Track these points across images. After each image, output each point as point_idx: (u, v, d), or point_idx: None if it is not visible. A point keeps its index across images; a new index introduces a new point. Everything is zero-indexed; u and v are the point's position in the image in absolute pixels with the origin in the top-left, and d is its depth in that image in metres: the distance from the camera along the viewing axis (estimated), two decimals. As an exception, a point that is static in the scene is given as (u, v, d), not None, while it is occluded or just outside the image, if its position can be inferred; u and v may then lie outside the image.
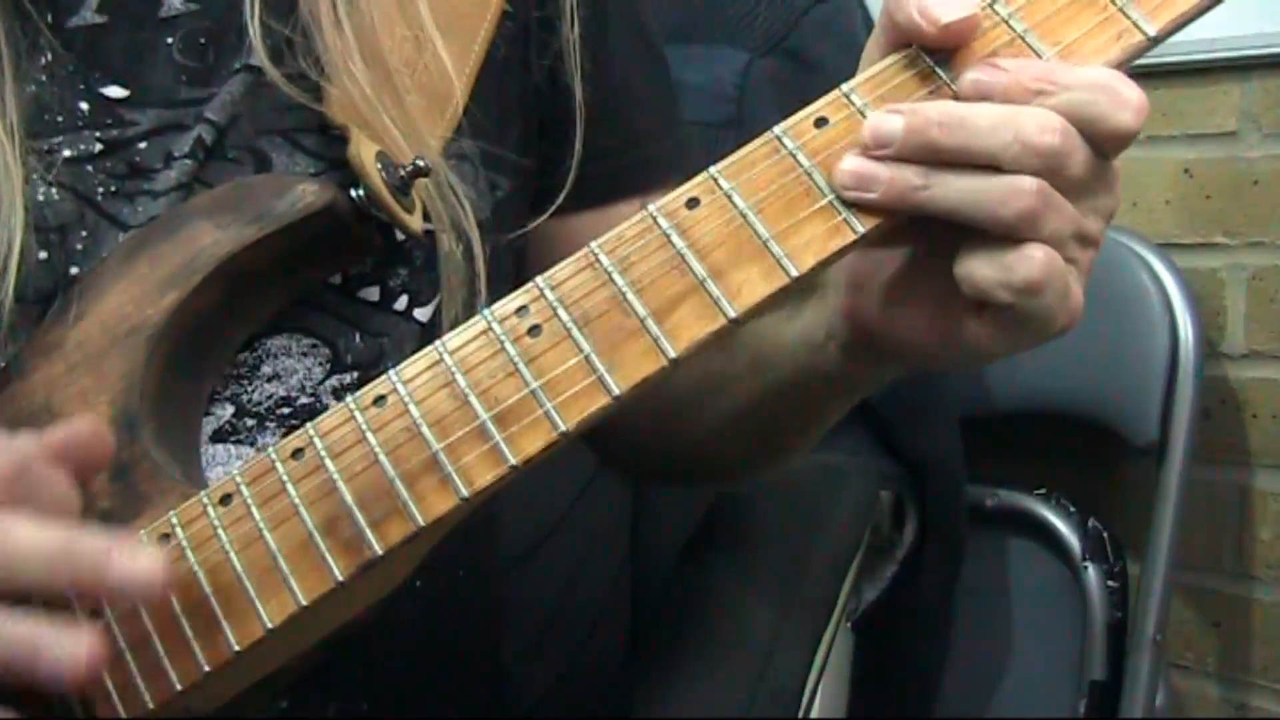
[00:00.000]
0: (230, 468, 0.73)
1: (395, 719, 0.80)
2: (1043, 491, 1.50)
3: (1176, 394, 1.39)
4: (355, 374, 0.76)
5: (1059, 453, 1.56)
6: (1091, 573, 1.43)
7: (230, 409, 0.74)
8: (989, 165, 0.57)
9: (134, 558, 0.58)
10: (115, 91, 0.75)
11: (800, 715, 1.00)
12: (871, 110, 0.60)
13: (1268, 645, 1.48)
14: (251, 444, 0.74)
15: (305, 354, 0.75)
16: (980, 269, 0.58)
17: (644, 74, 0.92)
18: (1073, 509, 1.47)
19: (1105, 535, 1.45)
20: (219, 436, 0.74)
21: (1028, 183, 0.57)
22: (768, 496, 1.07)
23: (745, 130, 1.45)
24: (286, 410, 0.74)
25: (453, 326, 0.74)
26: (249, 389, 0.74)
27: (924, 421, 1.38)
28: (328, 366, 0.75)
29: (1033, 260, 0.57)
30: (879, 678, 1.38)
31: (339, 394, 0.75)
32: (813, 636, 1.02)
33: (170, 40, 0.76)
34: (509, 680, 0.95)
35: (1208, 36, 1.42)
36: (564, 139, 0.84)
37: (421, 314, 0.77)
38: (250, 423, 0.74)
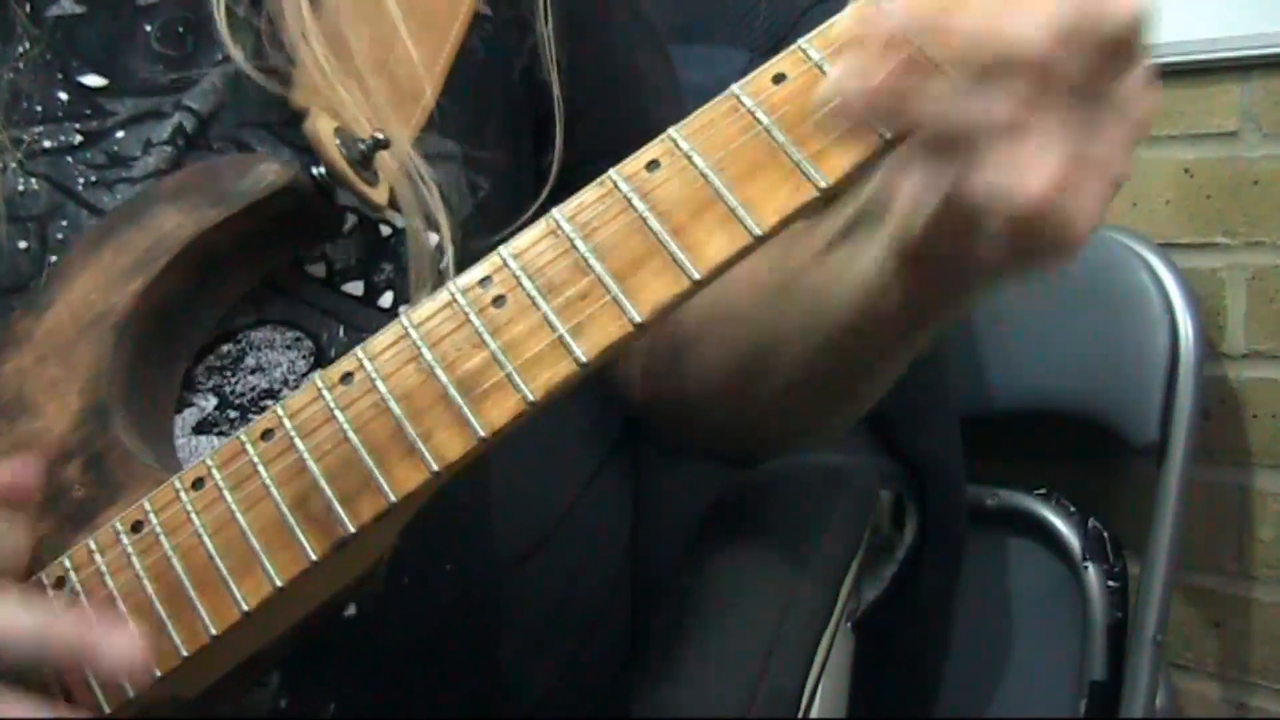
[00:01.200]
0: None
1: (394, 718, 0.80)
2: (1043, 491, 1.50)
3: (1176, 394, 1.39)
4: None
5: (1059, 453, 1.56)
6: (1091, 573, 1.43)
7: (213, 400, 0.74)
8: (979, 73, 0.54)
9: (111, 645, 0.60)
10: (93, 80, 0.76)
11: (800, 715, 1.00)
12: (829, 64, 0.58)
13: (1268, 645, 1.48)
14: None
15: (289, 346, 0.75)
16: (976, 188, 0.55)
17: (654, 65, 0.92)
18: (1073, 509, 1.47)
19: (1105, 535, 1.45)
20: (202, 428, 0.74)
21: (1016, 88, 0.53)
22: (768, 496, 1.07)
23: (745, 130, 1.45)
24: (269, 402, 0.75)
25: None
26: (232, 381, 0.74)
27: (924, 421, 1.38)
28: (311, 360, 0.75)
29: (1028, 192, 0.54)
30: (879, 678, 1.38)
31: None
32: (813, 636, 1.02)
33: (149, 29, 0.77)
34: (509, 680, 0.95)
35: (1208, 36, 1.42)
36: (569, 135, 0.84)
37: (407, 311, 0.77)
38: (233, 415, 0.74)
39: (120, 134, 0.75)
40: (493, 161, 0.83)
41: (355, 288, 0.76)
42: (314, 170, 0.71)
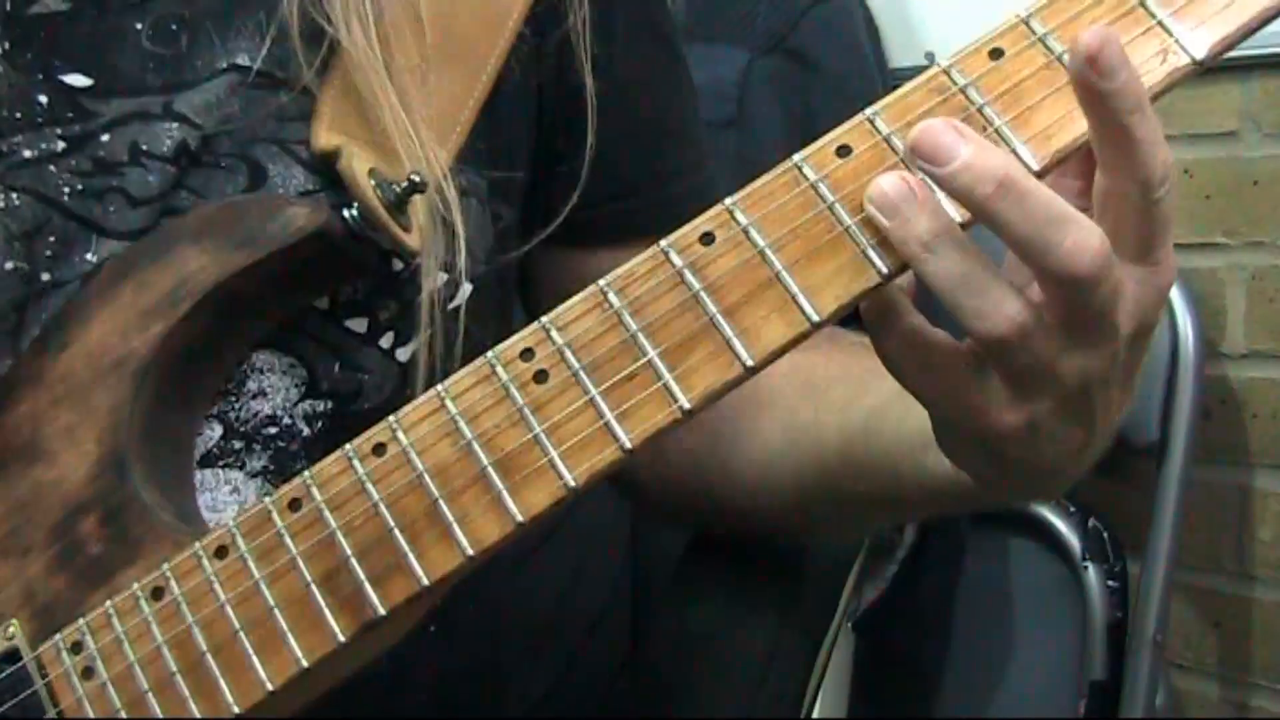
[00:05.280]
0: (218, 493, 0.72)
1: (395, 718, 0.80)
2: (1042, 491, 1.49)
3: (1176, 394, 1.39)
4: (330, 403, 0.73)
5: (1059, 453, 1.55)
6: (1091, 573, 1.43)
7: (219, 429, 0.72)
8: (1017, 249, 0.54)
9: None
10: (77, 80, 0.72)
11: (801, 715, 1.00)
12: (898, 139, 0.55)
13: (1268, 645, 1.48)
14: (240, 467, 0.72)
15: (285, 373, 0.73)
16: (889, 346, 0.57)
17: (679, 110, 0.89)
18: (1073, 509, 1.47)
19: (1105, 535, 1.45)
20: (207, 461, 0.72)
21: (1013, 309, 0.54)
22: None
23: (746, 130, 1.45)
24: (272, 430, 0.73)
25: (431, 364, 0.72)
26: (236, 406, 0.72)
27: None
28: (302, 389, 0.73)
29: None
30: (879, 678, 1.38)
31: (311, 420, 0.73)
32: (814, 638, 1.01)
33: (140, 26, 0.73)
34: (510, 680, 0.95)
35: (1208, 36, 1.41)
36: (579, 157, 0.80)
37: (403, 354, 0.74)
38: (238, 445, 0.72)
39: (105, 137, 0.71)
40: (515, 187, 0.80)
41: (358, 324, 0.73)
42: (347, 213, 0.68)
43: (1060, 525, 1.47)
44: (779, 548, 1.04)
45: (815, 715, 1.02)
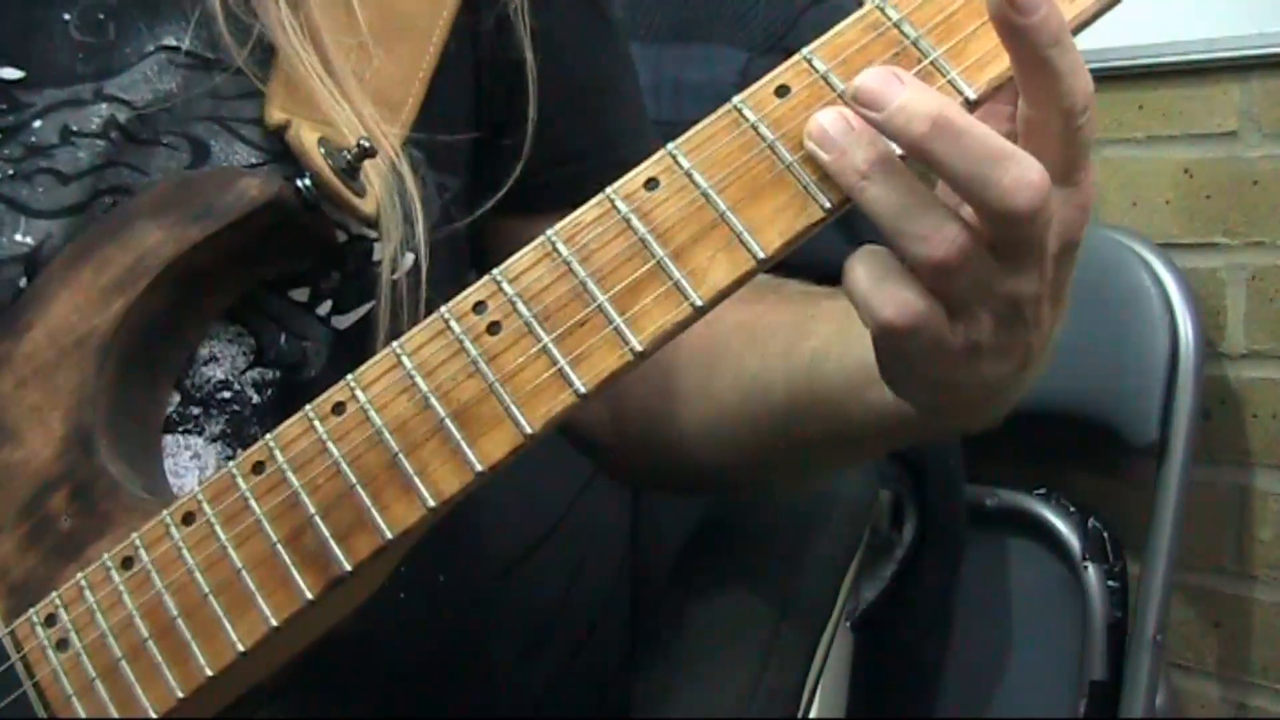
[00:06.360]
0: (179, 458, 0.73)
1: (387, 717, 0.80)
2: (1043, 491, 1.50)
3: (1176, 394, 1.39)
4: (277, 372, 0.74)
5: (1059, 453, 1.56)
6: (1091, 573, 1.43)
7: (176, 396, 0.73)
8: (953, 184, 0.55)
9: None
10: (9, 73, 0.73)
11: (799, 715, 1.00)
12: (835, 76, 0.56)
13: (1268, 645, 1.48)
14: (199, 433, 0.73)
15: (232, 340, 0.74)
16: (858, 274, 0.57)
17: (617, 77, 0.90)
18: (1073, 509, 1.47)
19: (1105, 535, 1.45)
20: (166, 427, 0.73)
21: (953, 232, 0.55)
22: (767, 496, 1.07)
23: (745, 130, 1.45)
24: (226, 394, 0.74)
25: (378, 332, 0.73)
26: (191, 373, 0.73)
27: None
28: (250, 358, 0.74)
29: (906, 308, 0.56)
30: (879, 678, 1.38)
31: (260, 388, 0.74)
32: (812, 637, 1.01)
33: (67, 16, 0.74)
34: (507, 681, 0.95)
35: (1208, 36, 1.42)
36: (521, 129, 0.82)
37: (339, 322, 0.75)
38: (195, 411, 0.73)
39: (37, 124, 0.73)
40: (459, 158, 0.81)
41: (301, 294, 0.74)
42: (300, 183, 0.69)
43: (1060, 525, 1.47)
44: (779, 543, 1.04)
45: (814, 715, 1.03)
